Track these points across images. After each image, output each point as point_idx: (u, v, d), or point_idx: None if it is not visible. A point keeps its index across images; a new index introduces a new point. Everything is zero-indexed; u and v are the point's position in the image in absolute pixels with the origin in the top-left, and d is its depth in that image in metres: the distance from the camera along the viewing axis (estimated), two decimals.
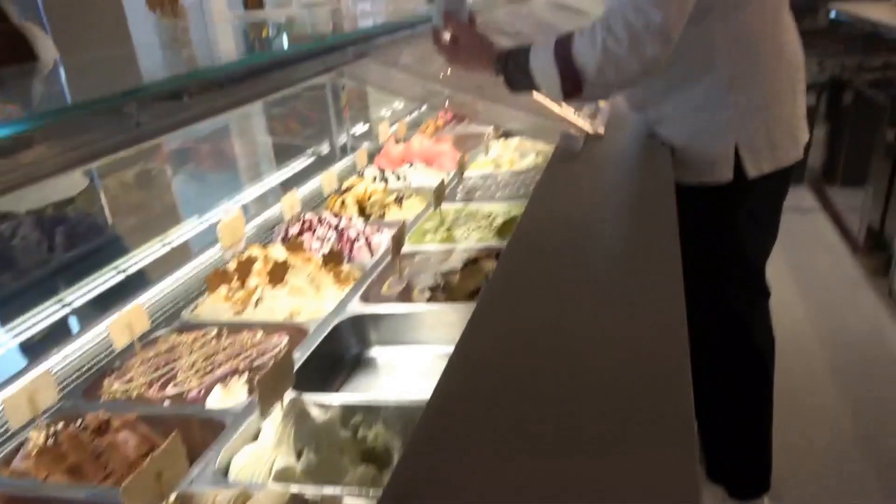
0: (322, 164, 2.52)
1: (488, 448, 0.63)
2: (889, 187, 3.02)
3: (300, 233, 1.66)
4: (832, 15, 4.14)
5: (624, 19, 1.15)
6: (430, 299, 1.27)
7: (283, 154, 2.61)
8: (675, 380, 0.68)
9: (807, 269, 3.19)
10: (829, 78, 3.94)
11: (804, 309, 2.91)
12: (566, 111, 1.53)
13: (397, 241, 1.35)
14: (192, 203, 2.21)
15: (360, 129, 2.89)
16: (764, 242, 1.52)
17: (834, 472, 1.98)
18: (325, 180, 1.95)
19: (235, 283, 1.41)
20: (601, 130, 1.56)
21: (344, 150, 2.58)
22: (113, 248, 1.84)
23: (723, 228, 1.42)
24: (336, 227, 1.65)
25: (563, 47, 1.23)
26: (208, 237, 1.85)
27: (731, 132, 1.35)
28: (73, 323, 1.46)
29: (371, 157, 2.31)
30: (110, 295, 1.56)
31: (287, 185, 2.30)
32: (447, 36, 1.42)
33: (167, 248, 1.79)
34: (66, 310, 1.45)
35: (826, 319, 2.82)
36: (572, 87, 1.25)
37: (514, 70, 1.33)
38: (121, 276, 1.63)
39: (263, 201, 2.19)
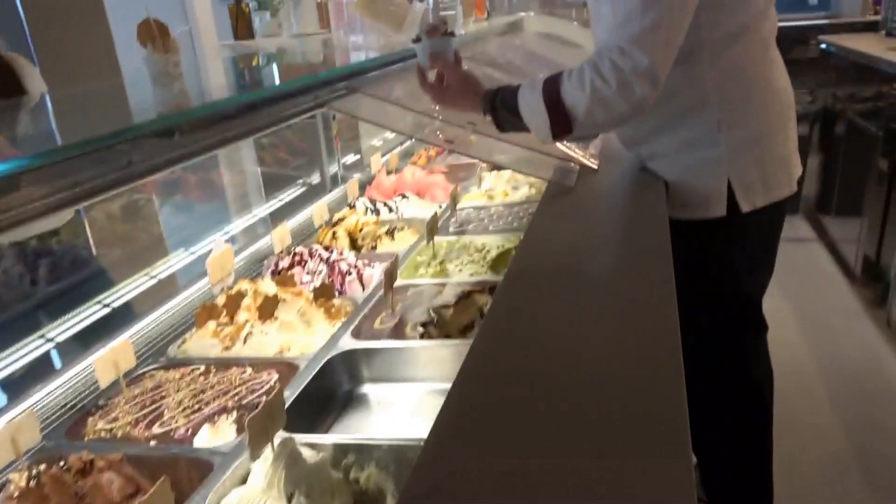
0: (312, 194, 2.55)
1: (485, 489, 0.63)
2: (884, 217, 3.07)
3: (290, 266, 1.67)
4: (822, 46, 4.26)
5: (612, 62, 1.18)
6: (423, 335, 1.28)
7: (272, 184, 2.63)
8: (672, 414, 0.69)
9: (804, 299, 3.22)
10: (821, 108, 4.03)
11: (801, 339, 2.93)
12: (559, 144, 1.56)
13: (390, 275, 1.36)
14: (179, 234, 2.21)
15: (350, 159, 2.92)
16: (760, 277, 1.55)
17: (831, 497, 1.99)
18: (315, 212, 1.97)
19: (224, 318, 1.42)
20: (595, 164, 1.59)
21: (335, 181, 2.61)
22: (98, 282, 1.84)
23: (718, 264, 1.44)
24: (327, 261, 1.66)
25: (552, 88, 1.26)
26: (196, 270, 1.86)
27: (724, 168, 1.38)
28: (57, 359, 1.45)
29: (362, 189, 2.33)
30: (95, 330, 1.56)
31: (277, 217, 2.32)
32: (433, 76, 1.45)
33: (153, 282, 1.79)
34: (50, 345, 1.45)
35: (823, 350, 2.85)
36: (562, 127, 1.28)
37: (502, 110, 1.37)
38: (106, 311, 1.63)
39: (253, 233, 2.20)
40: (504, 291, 1.04)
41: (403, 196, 2.16)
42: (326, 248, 1.72)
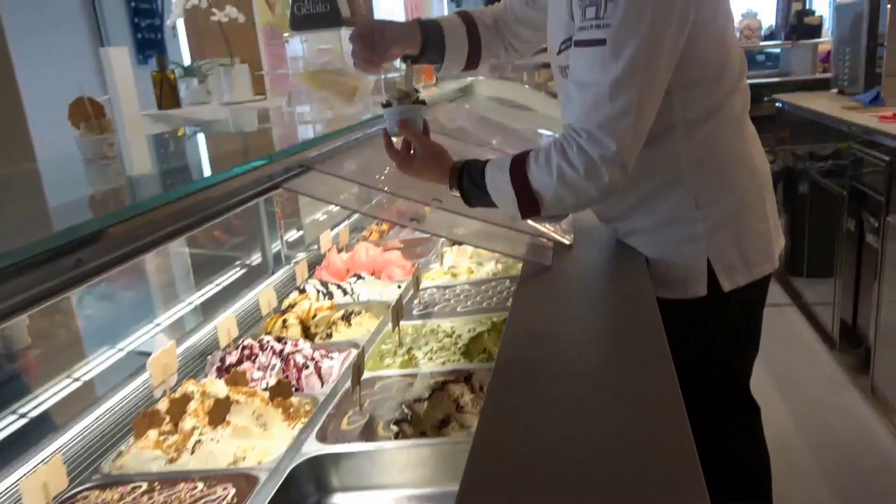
0: (253, 277, 2.53)
1: None
2: (857, 279, 3.27)
3: (239, 361, 1.65)
4: (778, 105, 4.60)
5: (579, 146, 1.27)
6: (398, 434, 1.28)
7: (207, 267, 2.61)
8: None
9: (784, 368, 3.35)
10: (782, 168, 4.32)
11: (787, 413, 3.03)
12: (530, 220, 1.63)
13: (357, 369, 1.37)
14: (103, 329, 2.16)
15: (293, 235, 2.94)
16: (746, 357, 1.63)
17: None
18: (263, 298, 1.97)
19: (167, 426, 1.39)
20: (569, 239, 1.66)
21: (278, 261, 2.61)
22: (10, 388, 1.77)
23: (701, 345, 1.51)
24: (280, 354, 1.65)
25: (519, 170, 1.35)
26: (126, 369, 1.81)
27: (702, 246, 1.47)
28: None
29: (311, 269, 2.35)
30: (10, 444, 1.49)
31: (213, 305, 2.29)
32: (399, 143, 1.52)
33: (77, 385, 1.74)
34: None
35: (810, 424, 2.95)
36: (529, 208, 1.36)
37: (469, 185, 1.45)
38: (22, 422, 1.57)
39: (188, 324, 2.17)
40: (496, 387, 1.07)
41: (358, 276, 2.19)
42: (278, 339, 1.72)
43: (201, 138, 2.32)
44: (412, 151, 1.50)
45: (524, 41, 1.77)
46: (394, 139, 1.53)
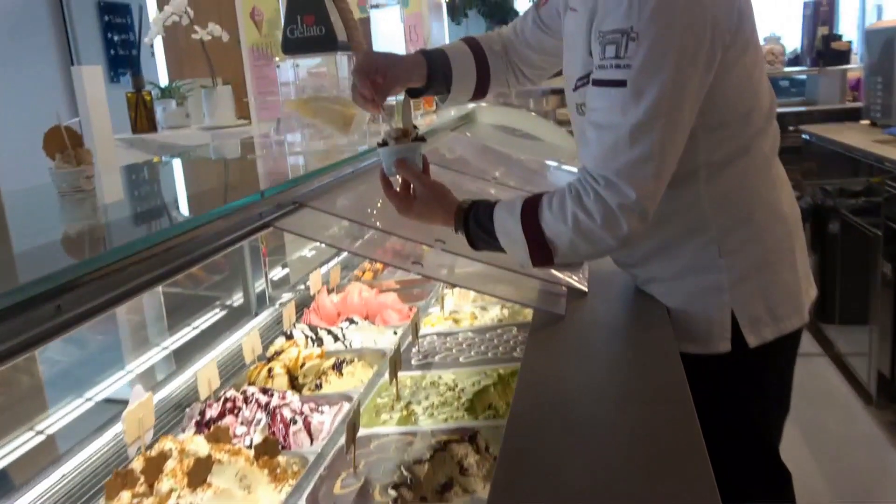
0: (235, 319, 2.54)
1: None
2: (894, 327, 3.29)
3: (221, 415, 1.65)
4: (804, 136, 4.67)
5: (595, 194, 1.30)
6: (396, 500, 1.28)
7: (185, 308, 2.61)
8: None
9: (816, 426, 3.35)
10: (810, 205, 4.37)
11: (821, 477, 3.02)
12: None
13: (352, 426, 1.38)
14: (68, 375, 2.16)
15: (278, 273, 2.95)
16: (776, 419, 1.64)
17: None
18: (246, 344, 1.97)
19: (142, 487, 1.39)
20: (584, 285, 1.68)
21: (263, 301, 2.62)
22: None
23: (726, 405, 1.51)
24: (266, 407, 1.66)
25: (531, 216, 1.37)
26: (94, 420, 1.81)
27: (726, 297, 1.48)
28: None
29: (298, 311, 2.36)
30: None
31: (192, 350, 2.29)
32: (397, 183, 1.54)
33: (40, 439, 1.73)
34: None
35: (847, 489, 2.94)
36: (542, 257, 1.39)
37: (476, 229, 1.47)
38: None
39: (165, 371, 2.17)
40: (507, 452, 1.07)
41: (350, 321, 2.20)
42: (264, 391, 1.73)
43: (182, 169, 2.35)
44: (412, 192, 1.52)
45: (536, 67, 1.81)
46: (392, 179, 1.55)
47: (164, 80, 4.69)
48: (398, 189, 1.54)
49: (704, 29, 1.28)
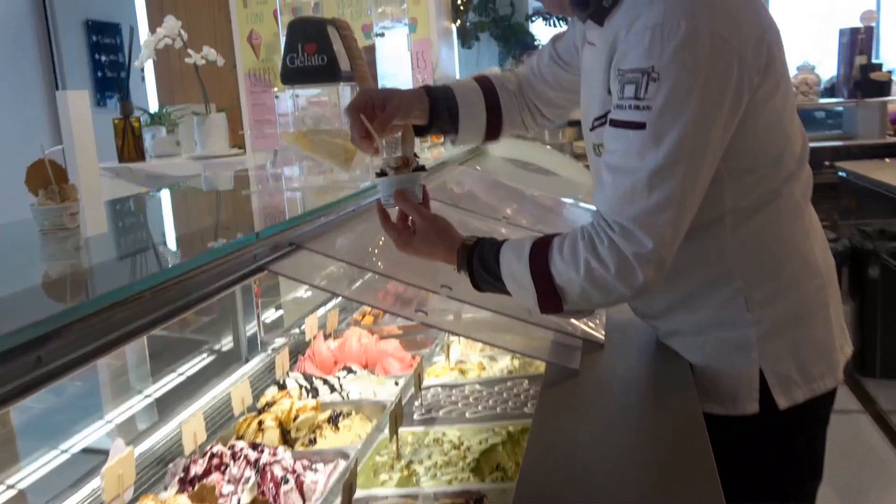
0: (224, 365, 2.54)
1: None
2: None
3: (206, 472, 1.66)
4: (841, 174, 4.69)
5: (610, 241, 1.30)
6: None
7: (169, 352, 2.61)
8: None
9: (855, 490, 3.31)
10: (848, 247, 4.37)
11: None
12: None
13: (349, 487, 1.38)
14: (43, 426, 2.16)
15: (271, 315, 2.96)
16: (807, 485, 1.62)
17: None
18: (235, 394, 1.98)
19: None
20: (601, 336, 1.69)
21: (254, 346, 2.62)
22: None
23: (752, 471, 1.51)
24: (255, 464, 1.66)
25: (540, 262, 1.38)
26: (70, 475, 1.81)
27: (754, 355, 1.48)
28: None
29: (293, 358, 2.37)
30: None
31: (177, 399, 2.30)
32: (394, 215, 1.54)
33: (11, 493, 1.74)
34: None
35: None
36: (551, 304, 1.39)
37: (480, 269, 1.47)
38: None
39: (147, 421, 2.17)
40: None
41: (348, 370, 2.20)
42: (253, 446, 1.73)
43: (171, 204, 2.38)
44: (411, 225, 1.53)
45: (554, 106, 1.83)
46: (391, 211, 1.57)
47: (153, 106, 4.77)
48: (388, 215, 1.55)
49: (730, 69, 1.30)
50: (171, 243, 1.73)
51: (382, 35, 2.67)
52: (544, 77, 1.80)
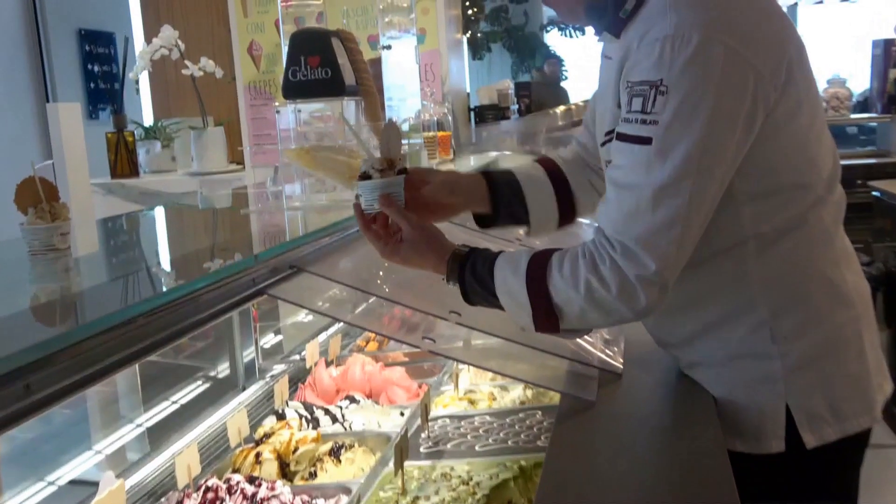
0: (219, 393, 2.55)
1: None
2: None
3: None
4: (875, 193, 4.69)
5: (612, 261, 1.31)
6: None
7: (162, 379, 2.62)
8: None
9: None
10: (882, 271, 4.35)
11: None
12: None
13: None
14: (28, 455, 2.17)
15: (270, 340, 2.96)
16: None
17: None
18: (232, 424, 1.99)
19: None
20: (619, 364, 1.69)
21: (252, 373, 2.63)
22: None
23: None
24: (252, 499, 1.67)
25: (538, 279, 1.37)
26: None
27: (780, 389, 1.47)
28: None
29: (293, 386, 2.37)
30: None
31: (169, 428, 2.30)
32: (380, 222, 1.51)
33: None
34: None
35: None
36: (547, 322, 1.39)
37: (472, 282, 1.47)
38: None
39: (138, 452, 2.17)
40: None
41: (351, 399, 2.21)
42: (250, 480, 1.73)
43: (166, 224, 2.39)
44: (401, 236, 1.50)
45: None
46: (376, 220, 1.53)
47: (148, 119, 4.81)
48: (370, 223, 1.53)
49: (745, 85, 1.30)
50: (166, 265, 1.75)
51: (389, 48, 2.69)
52: (590, 151, 1.76)
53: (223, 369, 2.64)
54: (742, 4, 1.38)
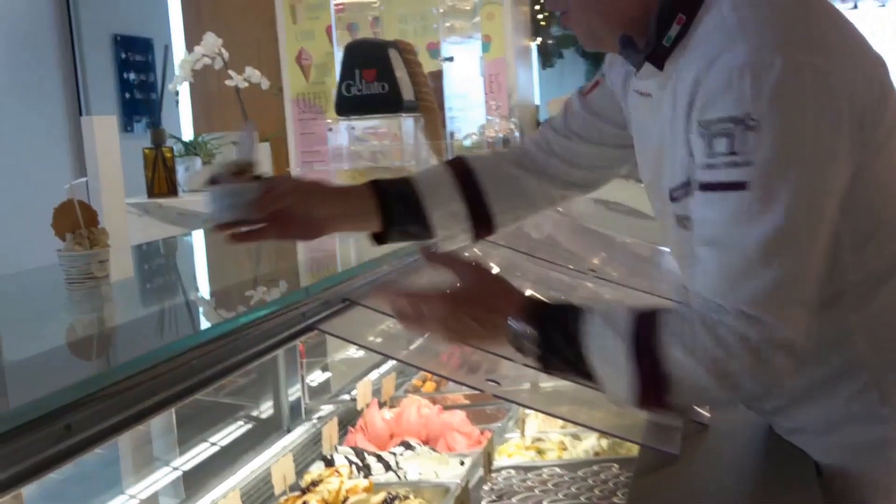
0: (262, 435, 2.58)
1: None
2: None
3: None
4: None
5: (732, 330, 1.23)
6: None
7: (200, 419, 2.66)
8: None
9: None
10: None
11: None
12: None
13: None
14: (55, 501, 2.24)
15: (318, 377, 2.99)
16: None
17: None
18: (276, 470, 2.02)
19: None
20: (707, 416, 1.69)
21: (297, 414, 2.65)
22: None
23: None
24: None
25: (648, 344, 1.28)
26: None
27: (892, 456, 1.45)
28: None
29: (343, 429, 2.39)
30: None
31: (208, 474, 2.34)
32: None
33: None
34: None
35: None
36: (653, 399, 1.31)
37: (557, 340, 1.36)
38: None
39: (173, 500, 2.22)
40: None
41: (406, 445, 2.22)
42: None
43: (205, 251, 2.44)
44: (463, 284, 1.44)
45: (590, 167, 1.78)
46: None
47: (188, 134, 4.89)
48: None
49: (840, 108, 1.27)
50: (208, 298, 1.79)
51: (452, 59, 2.72)
52: (577, 132, 1.74)
53: (266, 409, 2.67)
54: (819, 17, 1.34)
